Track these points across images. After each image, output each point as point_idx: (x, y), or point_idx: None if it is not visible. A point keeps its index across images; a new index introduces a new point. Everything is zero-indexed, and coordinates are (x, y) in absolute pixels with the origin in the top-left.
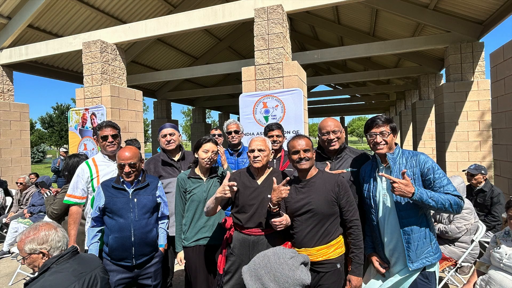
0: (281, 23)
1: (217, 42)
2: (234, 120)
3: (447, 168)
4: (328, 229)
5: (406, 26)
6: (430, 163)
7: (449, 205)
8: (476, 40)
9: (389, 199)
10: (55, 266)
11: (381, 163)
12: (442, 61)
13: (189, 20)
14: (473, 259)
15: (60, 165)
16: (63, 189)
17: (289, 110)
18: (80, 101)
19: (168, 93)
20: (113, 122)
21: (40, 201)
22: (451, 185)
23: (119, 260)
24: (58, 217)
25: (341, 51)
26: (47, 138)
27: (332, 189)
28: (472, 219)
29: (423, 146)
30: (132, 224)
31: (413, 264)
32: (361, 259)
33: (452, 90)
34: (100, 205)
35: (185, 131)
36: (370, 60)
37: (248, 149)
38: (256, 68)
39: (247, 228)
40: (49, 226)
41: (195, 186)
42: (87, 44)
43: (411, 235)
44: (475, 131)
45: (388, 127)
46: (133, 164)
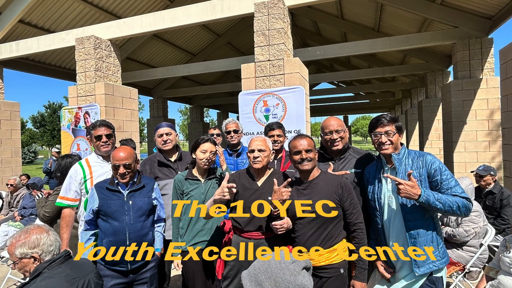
0: (282, 18)
1: (216, 38)
2: (233, 119)
3: (454, 169)
4: (331, 232)
5: (412, 22)
6: (437, 164)
7: (457, 208)
8: (485, 36)
9: (394, 201)
10: (47, 271)
11: (386, 164)
12: (450, 58)
13: (186, 15)
14: (482, 263)
15: (52, 166)
16: (55, 191)
17: (291, 108)
18: (73, 99)
19: (165, 91)
20: (107, 121)
21: (31, 203)
22: (459, 187)
23: (114, 264)
24: (50, 220)
25: (345, 47)
26: (39, 138)
27: (335, 191)
28: (481, 222)
29: (429, 146)
30: (127, 227)
31: (419, 269)
32: (365, 264)
33: (460, 88)
34: (94, 207)
35: (182, 131)
36: (375, 57)
37: (248, 149)
38: (256, 65)
39: (246, 232)
40: (40, 230)
41: (192, 188)
42: (80, 40)
43: (417, 238)
44: (484, 130)
45: (394, 127)
46: (128, 165)
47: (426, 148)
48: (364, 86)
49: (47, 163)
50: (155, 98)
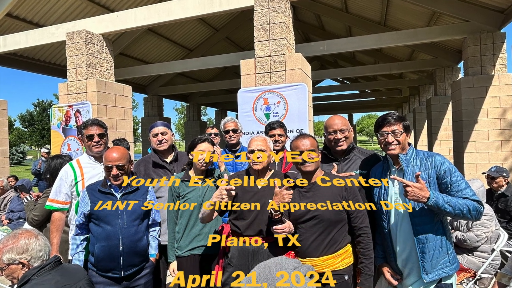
0: (283, 12)
1: (214, 32)
2: (232, 118)
3: (465, 170)
4: (335, 237)
5: (421, 15)
6: (447, 165)
7: (468, 211)
8: (497, 30)
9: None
10: (36, 277)
11: (393, 165)
12: (460, 53)
13: (182, 9)
14: (493, 270)
15: (42, 167)
16: (45, 194)
17: (292, 107)
18: (63, 97)
19: (160, 88)
20: (99, 120)
21: (19, 206)
22: (470, 189)
23: (106, 271)
24: (40, 224)
25: (349, 42)
26: (27, 138)
27: (339, 193)
28: (493, 226)
29: (439, 146)
30: (120, 232)
31: (428, 275)
32: (371, 270)
33: (471, 85)
34: (85, 211)
35: (178, 130)
36: (381, 52)
37: (248, 149)
38: (256, 61)
39: (246, 236)
40: (29, 234)
41: (189, 190)
42: (71, 35)
43: (426, 243)
44: (496, 130)
45: (401, 126)
46: (121, 166)
47: (435, 149)
48: (369, 83)
49: (36, 164)
50: (149, 95)
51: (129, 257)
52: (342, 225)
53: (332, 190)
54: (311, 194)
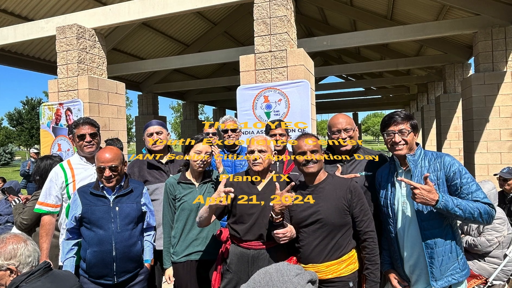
0: (285, 5)
1: (212, 26)
2: (230, 117)
3: (476, 171)
4: (339, 242)
5: (429, 8)
6: (457, 166)
7: (479, 215)
8: (510, 24)
9: (409, 207)
10: (24, 284)
11: (400, 166)
12: (470, 49)
13: (179, 2)
14: (506, 276)
15: (31, 168)
16: (34, 196)
17: (294, 104)
18: (53, 94)
19: (155, 85)
20: (91, 119)
21: (7, 209)
22: (481, 191)
23: (99, 277)
24: (28, 228)
25: (354, 37)
26: (16, 137)
27: (343, 196)
28: (505, 230)
29: (448, 146)
30: (113, 237)
31: (437, 282)
32: (377, 277)
33: (482, 82)
34: (77, 214)
35: (174, 129)
36: (388, 48)
37: (247, 149)
38: (256, 56)
39: (245, 241)
40: (17, 239)
41: (186, 193)
42: (62, 29)
43: (434, 249)
44: (509, 129)
45: (408, 125)
46: (114, 167)
47: (444, 149)
48: (375, 80)
49: (24, 165)
50: (144, 93)
51: (123, 263)
52: (346, 229)
53: (336, 193)
54: (314, 197)
